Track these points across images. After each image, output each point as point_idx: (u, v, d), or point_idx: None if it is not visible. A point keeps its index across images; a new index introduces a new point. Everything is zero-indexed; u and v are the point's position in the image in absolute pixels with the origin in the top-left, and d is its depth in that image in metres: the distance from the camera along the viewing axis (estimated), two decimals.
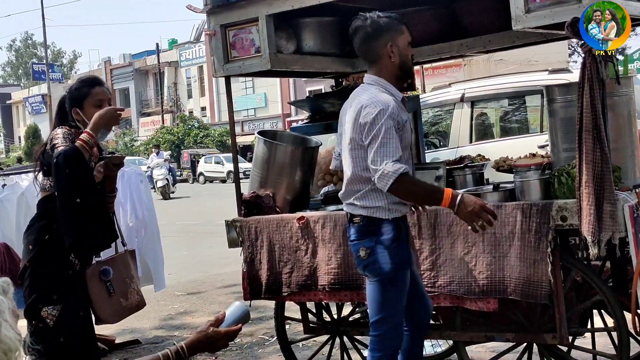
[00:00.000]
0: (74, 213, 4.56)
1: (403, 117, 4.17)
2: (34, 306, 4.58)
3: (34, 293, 4.60)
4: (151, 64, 69.85)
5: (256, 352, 6.90)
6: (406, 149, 4.19)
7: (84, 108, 4.81)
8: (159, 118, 66.84)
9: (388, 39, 4.21)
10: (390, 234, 4.15)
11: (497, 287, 4.40)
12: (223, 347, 2.95)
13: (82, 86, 4.91)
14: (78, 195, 4.59)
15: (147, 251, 7.63)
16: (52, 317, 4.57)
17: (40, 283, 4.60)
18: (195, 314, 8.90)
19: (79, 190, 4.59)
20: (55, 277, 4.62)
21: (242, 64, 5.32)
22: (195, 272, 12.04)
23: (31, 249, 4.66)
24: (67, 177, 4.52)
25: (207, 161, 48.81)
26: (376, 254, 4.16)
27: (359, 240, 4.23)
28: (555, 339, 4.50)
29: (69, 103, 4.87)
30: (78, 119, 4.80)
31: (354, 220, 4.25)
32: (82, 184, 4.62)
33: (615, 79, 4.31)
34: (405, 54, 4.27)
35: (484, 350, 6.01)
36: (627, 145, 4.52)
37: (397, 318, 4.26)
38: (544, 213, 4.25)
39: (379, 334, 4.24)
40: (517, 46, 5.72)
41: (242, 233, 5.33)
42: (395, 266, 4.15)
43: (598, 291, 4.43)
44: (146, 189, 7.81)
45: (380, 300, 4.22)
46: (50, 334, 4.58)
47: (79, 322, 4.72)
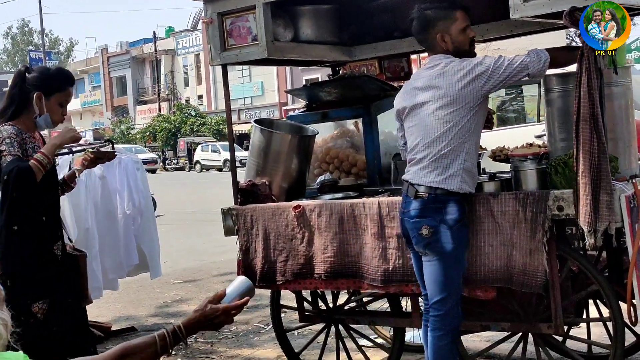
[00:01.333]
0: (8, 239, 4.51)
1: None
2: (23, 303, 4.50)
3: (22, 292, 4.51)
4: (148, 52, 69.77)
5: (252, 340, 6.90)
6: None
7: (50, 100, 4.65)
8: (155, 106, 66.80)
9: (438, 30, 4.29)
10: (456, 214, 4.20)
11: (494, 276, 4.39)
12: (224, 324, 2.84)
13: (60, 78, 4.78)
14: (17, 223, 4.52)
15: (143, 239, 7.63)
16: (43, 311, 4.55)
17: (26, 282, 4.53)
18: (191, 301, 8.91)
19: (20, 217, 4.52)
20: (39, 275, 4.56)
21: (239, 52, 5.30)
22: (191, 260, 12.06)
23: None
24: (10, 201, 4.45)
25: (203, 149, 48.87)
26: (439, 233, 4.19)
27: (422, 218, 4.24)
28: (550, 329, 4.50)
29: (37, 84, 4.65)
30: (37, 104, 4.62)
31: (419, 195, 4.25)
32: (25, 210, 4.54)
33: (613, 69, 4.30)
34: (459, 40, 4.30)
35: (479, 339, 6.02)
36: (625, 135, 4.51)
37: (458, 296, 4.30)
38: (541, 203, 4.25)
39: (441, 313, 4.27)
40: (515, 35, 5.70)
41: (238, 221, 5.32)
42: (457, 245, 4.21)
43: (594, 281, 4.43)
44: (143, 177, 7.80)
45: (442, 280, 4.25)
46: (41, 327, 4.54)
47: (69, 309, 4.71)
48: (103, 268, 7.18)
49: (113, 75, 75.43)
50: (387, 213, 4.72)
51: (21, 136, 4.56)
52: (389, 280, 4.74)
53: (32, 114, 4.66)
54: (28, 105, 4.65)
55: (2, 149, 4.46)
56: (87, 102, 77.65)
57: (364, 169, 5.69)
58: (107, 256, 7.18)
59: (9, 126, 4.57)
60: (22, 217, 4.53)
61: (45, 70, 4.82)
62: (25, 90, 4.67)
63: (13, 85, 4.72)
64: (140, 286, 9.86)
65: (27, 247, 4.54)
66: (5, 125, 4.57)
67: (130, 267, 7.55)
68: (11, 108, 4.65)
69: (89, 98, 78.25)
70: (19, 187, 4.41)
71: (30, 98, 4.64)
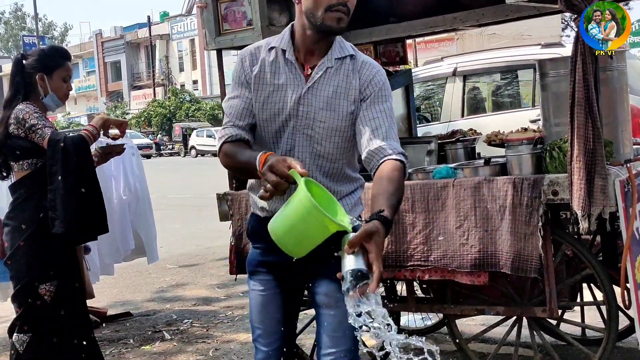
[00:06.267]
0: (79, 203, 4.53)
1: (260, 70, 3.11)
2: (30, 285, 4.55)
3: (31, 271, 4.56)
4: (142, 36, 69.62)
5: (247, 325, 6.87)
6: (269, 115, 3.08)
7: (52, 78, 4.73)
8: (150, 91, 66.72)
9: None
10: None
11: (488, 261, 4.40)
12: None
13: (56, 55, 4.84)
14: (84, 185, 4.58)
15: (139, 224, 7.63)
16: (50, 293, 4.57)
17: (37, 261, 4.56)
18: (187, 286, 8.93)
19: (86, 180, 4.58)
20: (51, 253, 4.59)
21: (234, 37, 5.29)
22: (187, 245, 12.07)
23: (25, 228, 4.58)
24: (76, 165, 4.50)
25: (199, 135, 48.76)
26: None
27: None
28: (545, 313, 4.52)
29: (36, 67, 4.72)
30: (41, 85, 4.69)
31: None
32: (88, 175, 4.62)
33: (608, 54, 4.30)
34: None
35: (474, 323, 6.05)
36: (619, 120, 4.52)
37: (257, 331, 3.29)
38: (536, 187, 4.25)
39: None
40: (510, 20, 5.70)
41: (232, 206, 5.32)
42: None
43: (588, 265, 4.44)
44: (138, 162, 7.79)
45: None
46: (48, 309, 4.57)
47: (76, 293, 4.74)
48: (99, 253, 7.19)
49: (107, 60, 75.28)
50: None
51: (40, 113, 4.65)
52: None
53: (39, 97, 4.72)
54: (34, 90, 4.71)
55: (34, 123, 4.52)
56: (82, 87, 77.49)
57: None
58: (103, 241, 7.18)
59: (26, 104, 4.63)
60: (88, 180, 4.62)
61: (40, 52, 4.86)
62: (26, 76, 4.73)
63: (14, 74, 4.79)
64: (137, 271, 9.88)
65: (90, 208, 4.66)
66: (22, 104, 4.63)
67: (127, 252, 7.55)
68: (18, 95, 4.70)
69: (84, 83, 78.10)
70: (78, 153, 4.51)
71: (33, 82, 4.70)
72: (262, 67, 3.10)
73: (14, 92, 4.73)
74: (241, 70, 3.16)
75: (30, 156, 4.58)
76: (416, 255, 4.64)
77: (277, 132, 3.08)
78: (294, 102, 3.03)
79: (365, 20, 6.05)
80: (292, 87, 3.05)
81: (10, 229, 4.65)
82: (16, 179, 4.68)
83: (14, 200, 4.70)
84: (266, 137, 3.10)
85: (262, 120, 3.08)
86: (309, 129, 3.05)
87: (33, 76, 4.70)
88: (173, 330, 6.95)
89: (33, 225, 4.57)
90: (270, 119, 3.07)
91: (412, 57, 33.58)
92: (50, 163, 4.49)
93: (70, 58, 4.98)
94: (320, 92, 3.03)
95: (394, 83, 6.02)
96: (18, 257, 4.59)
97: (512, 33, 29.47)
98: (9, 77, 4.91)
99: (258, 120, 3.09)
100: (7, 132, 4.58)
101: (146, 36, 67.16)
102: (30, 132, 4.51)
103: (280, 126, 3.07)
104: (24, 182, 4.63)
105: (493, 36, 32.59)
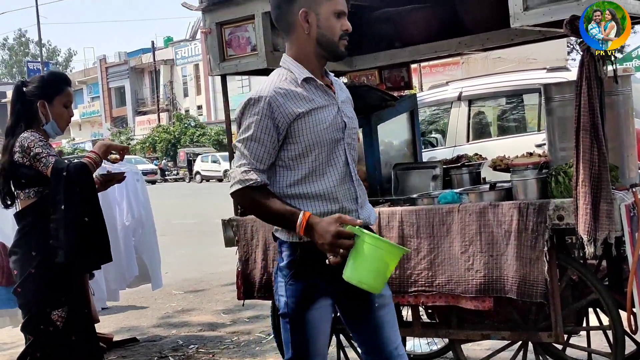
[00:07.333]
0: (82, 232, 4.51)
1: (296, 110, 3.20)
2: (43, 311, 4.54)
3: (43, 298, 4.55)
4: (147, 62, 69.91)
5: (253, 350, 6.90)
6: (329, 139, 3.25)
7: (53, 104, 4.74)
8: (155, 117, 66.88)
9: (302, 4, 3.25)
10: (288, 259, 3.32)
11: (493, 286, 4.39)
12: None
13: (56, 81, 4.85)
14: (88, 215, 4.56)
15: (144, 250, 7.64)
16: (62, 319, 4.57)
17: (49, 288, 4.55)
18: (193, 312, 8.91)
19: (89, 209, 4.57)
20: (62, 279, 4.57)
21: (238, 63, 5.31)
22: (193, 270, 12.05)
23: (35, 255, 4.55)
24: (79, 195, 4.49)
25: (203, 160, 48.87)
26: (276, 282, 3.41)
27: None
28: (550, 338, 4.50)
29: (36, 94, 4.73)
30: (43, 112, 4.70)
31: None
32: (91, 203, 4.60)
33: (614, 78, 4.31)
34: (327, 26, 3.25)
35: (480, 348, 6.02)
36: (625, 144, 4.52)
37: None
38: (541, 212, 4.25)
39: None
40: (515, 44, 5.71)
41: (238, 232, 5.31)
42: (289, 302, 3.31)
43: (594, 290, 4.42)
44: (143, 188, 7.81)
45: (285, 340, 3.42)
46: (60, 335, 4.57)
47: (86, 319, 4.74)
48: (105, 279, 7.19)
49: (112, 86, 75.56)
50: (387, 223, 4.72)
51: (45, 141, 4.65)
52: None
53: (41, 124, 4.73)
54: (35, 117, 4.72)
55: (39, 152, 4.51)
56: (86, 112, 77.73)
57: (365, 179, 5.68)
58: (109, 267, 7.18)
59: (31, 132, 4.63)
60: (91, 209, 4.60)
61: (40, 79, 4.88)
62: (27, 103, 4.74)
63: (14, 101, 4.80)
64: (142, 297, 9.86)
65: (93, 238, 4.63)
66: (27, 132, 4.62)
67: (131, 279, 7.55)
68: (21, 123, 4.71)
69: (88, 109, 78.33)
70: (81, 182, 4.51)
71: (34, 109, 4.71)
72: (304, 100, 3.27)
73: (16, 119, 4.73)
74: (268, 112, 3.20)
75: (35, 184, 4.58)
76: (420, 281, 4.62)
77: (330, 151, 3.29)
78: (340, 119, 3.33)
79: (370, 45, 6.07)
80: (331, 107, 3.32)
81: (19, 257, 4.63)
82: (22, 207, 4.67)
83: (21, 228, 4.68)
84: (319, 159, 3.26)
85: (318, 145, 3.25)
86: (350, 138, 3.39)
87: (34, 103, 4.71)
88: (179, 356, 6.93)
89: (43, 252, 4.54)
90: (330, 140, 3.28)
91: (417, 81, 33.60)
92: (53, 192, 4.49)
93: (70, 83, 4.99)
94: (345, 105, 3.41)
95: (399, 108, 6.03)
96: (29, 284, 4.56)
97: (517, 57, 29.49)
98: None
99: (310, 147, 3.24)
100: (11, 160, 4.58)
101: (150, 61, 67.50)
102: (34, 160, 4.51)
103: (335, 143, 3.30)
104: (31, 210, 4.62)
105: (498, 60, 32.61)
